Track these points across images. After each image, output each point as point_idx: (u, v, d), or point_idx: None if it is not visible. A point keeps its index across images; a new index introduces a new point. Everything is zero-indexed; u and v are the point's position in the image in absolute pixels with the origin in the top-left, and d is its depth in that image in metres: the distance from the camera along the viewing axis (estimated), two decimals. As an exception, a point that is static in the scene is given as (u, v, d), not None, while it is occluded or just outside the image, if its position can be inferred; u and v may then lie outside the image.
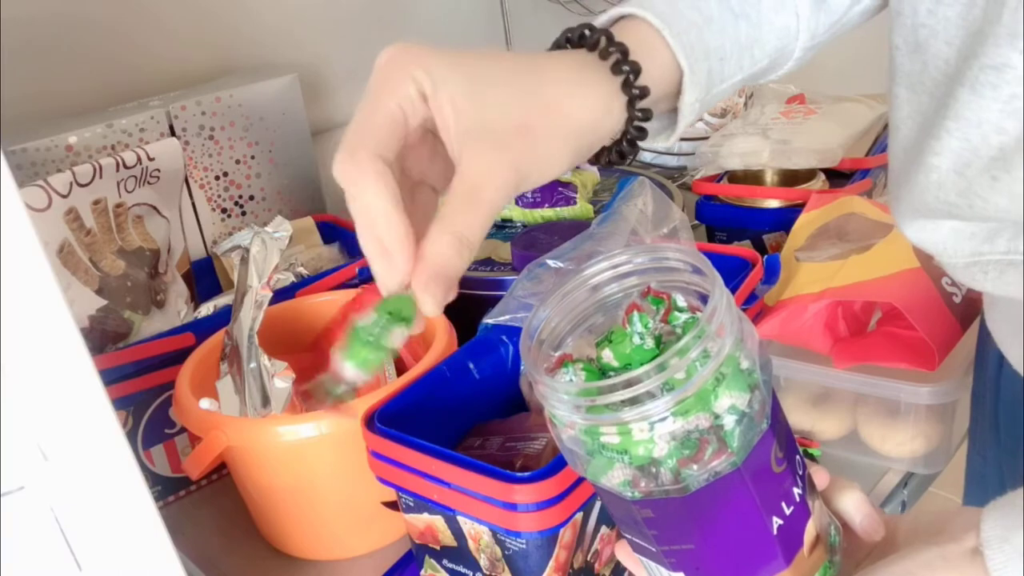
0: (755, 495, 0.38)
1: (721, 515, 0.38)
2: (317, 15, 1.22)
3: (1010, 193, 0.42)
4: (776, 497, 0.39)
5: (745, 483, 0.38)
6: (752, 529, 0.39)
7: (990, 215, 0.44)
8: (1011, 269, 0.46)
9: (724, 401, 0.36)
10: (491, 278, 0.94)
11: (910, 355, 0.76)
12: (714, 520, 0.38)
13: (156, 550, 0.45)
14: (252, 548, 0.78)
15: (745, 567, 0.40)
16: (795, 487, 0.40)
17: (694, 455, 0.36)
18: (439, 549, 0.67)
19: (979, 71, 0.41)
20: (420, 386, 0.70)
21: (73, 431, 0.40)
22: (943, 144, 0.44)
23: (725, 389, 0.36)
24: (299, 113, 1.07)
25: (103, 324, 0.83)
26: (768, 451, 0.38)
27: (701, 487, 0.37)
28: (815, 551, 0.41)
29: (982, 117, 0.41)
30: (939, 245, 0.49)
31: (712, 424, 0.36)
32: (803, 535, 0.40)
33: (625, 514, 0.40)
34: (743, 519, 0.38)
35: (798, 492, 0.40)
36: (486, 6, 1.38)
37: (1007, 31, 0.39)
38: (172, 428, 0.83)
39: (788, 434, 0.41)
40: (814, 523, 0.41)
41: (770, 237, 1.03)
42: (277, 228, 0.77)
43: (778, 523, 0.39)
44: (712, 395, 0.36)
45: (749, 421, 0.37)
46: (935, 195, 0.46)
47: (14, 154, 0.86)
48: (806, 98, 1.25)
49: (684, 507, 0.37)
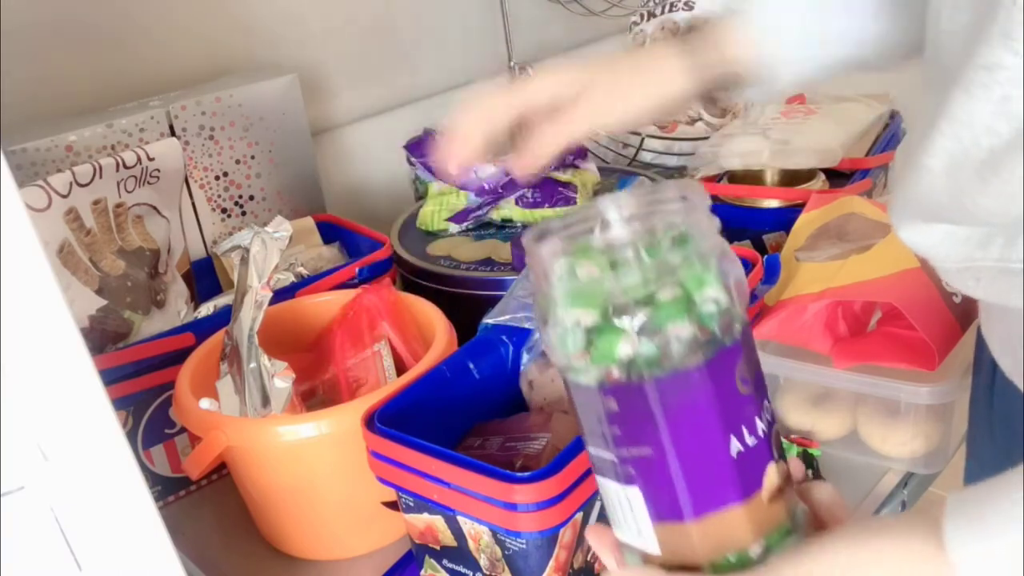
0: (716, 402, 0.39)
1: (681, 416, 0.38)
2: (317, 15, 1.22)
3: (998, 196, 0.42)
4: (737, 417, 0.39)
5: (707, 384, 0.38)
6: (710, 443, 0.39)
7: (979, 218, 0.44)
8: (1003, 276, 0.46)
9: (707, 292, 0.38)
10: (491, 278, 0.94)
11: (910, 355, 0.76)
12: (674, 420, 0.38)
13: (156, 550, 0.45)
14: (252, 548, 0.78)
15: (699, 487, 0.40)
16: (759, 420, 0.40)
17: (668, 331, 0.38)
18: (439, 549, 0.67)
19: (972, 71, 0.41)
20: (420, 386, 0.70)
21: (73, 431, 0.40)
22: (936, 145, 0.44)
23: (706, 277, 0.39)
24: (299, 113, 1.07)
25: (103, 324, 0.83)
26: (734, 365, 0.39)
27: (666, 376, 0.38)
28: (775, 505, 0.41)
29: (974, 118, 0.41)
30: (933, 248, 0.49)
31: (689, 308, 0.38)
32: (762, 476, 0.40)
33: (593, 418, 0.40)
34: (702, 427, 0.39)
35: (762, 428, 0.40)
36: (486, 6, 1.38)
37: (1000, 31, 0.39)
38: (172, 428, 0.83)
39: (759, 374, 0.41)
40: (777, 473, 0.41)
41: (770, 237, 1.03)
42: (277, 228, 0.77)
43: (737, 448, 0.39)
44: (694, 280, 0.38)
45: (724, 321, 0.39)
46: (928, 196, 0.46)
47: (14, 154, 0.86)
48: (806, 98, 1.25)
49: (646, 399, 0.38)
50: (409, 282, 1.01)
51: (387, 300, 0.82)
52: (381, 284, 0.87)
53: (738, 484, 0.40)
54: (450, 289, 0.95)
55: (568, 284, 0.39)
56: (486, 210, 1.06)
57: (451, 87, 1.40)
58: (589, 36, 1.55)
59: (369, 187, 1.32)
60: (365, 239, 1.01)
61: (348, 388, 0.79)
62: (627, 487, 0.41)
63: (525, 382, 0.78)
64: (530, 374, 0.77)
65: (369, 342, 0.81)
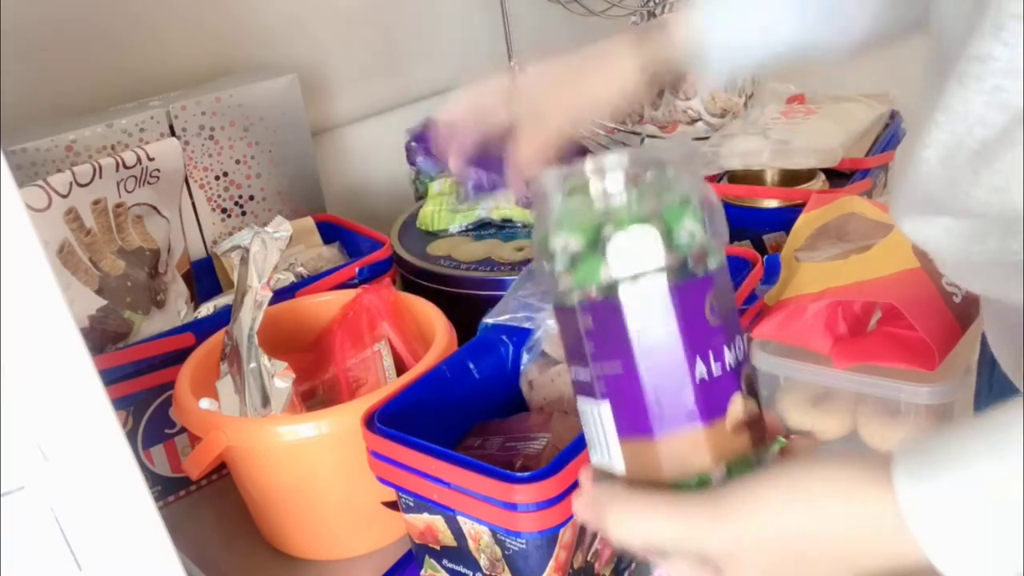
0: (683, 325, 0.41)
1: (648, 333, 0.42)
2: (317, 15, 1.22)
3: (989, 187, 0.42)
4: (704, 344, 0.42)
5: (675, 305, 0.41)
6: (674, 363, 0.42)
7: (971, 208, 0.44)
8: (999, 270, 0.46)
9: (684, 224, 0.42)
10: (491, 278, 0.94)
11: (910, 355, 0.76)
12: (641, 337, 0.41)
13: (156, 550, 0.45)
14: (252, 548, 0.78)
15: (663, 405, 0.42)
16: (727, 351, 0.43)
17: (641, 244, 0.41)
18: (439, 549, 0.67)
19: (966, 63, 0.41)
20: (420, 386, 0.70)
21: (73, 431, 0.40)
22: (932, 136, 0.44)
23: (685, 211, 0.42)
24: (299, 113, 1.07)
25: (103, 324, 0.83)
26: (703, 294, 0.42)
27: (637, 296, 0.41)
28: (739, 437, 0.43)
29: (968, 109, 0.41)
30: (932, 242, 0.49)
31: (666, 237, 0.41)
32: (727, 405, 0.42)
33: (574, 338, 0.44)
34: (667, 347, 0.41)
35: (730, 360, 0.43)
36: (486, 6, 1.38)
37: (992, 23, 0.39)
38: (172, 428, 0.83)
39: (732, 312, 0.44)
40: (744, 406, 0.43)
41: (770, 237, 1.03)
42: (277, 228, 0.77)
43: (702, 372, 0.42)
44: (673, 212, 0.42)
45: (697, 253, 0.42)
46: (924, 188, 0.46)
47: (14, 154, 0.86)
48: (806, 98, 1.25)
49: (618, 315, 0.41)
50: (409, 282, 1.01)
51: (387, 300, 0.82)
52: (381, 284, 0.87)
53: (701, 406, 0.42)
54: (450, 289, 0.95)
55: (559, 211, 0.43)
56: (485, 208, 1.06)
57: (451, 87, 1.39)
58: (589, 36, 1.55)
59: (369, 187, 1.32)
60: (365, 239, 1.01)
61: (348, 388, 0.79)
62: (599, 403, 0.43)
63: (525, 382, 0.78)
64: (530, 374, 0.77)
65: (369, 342, 0.81)
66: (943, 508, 0.36)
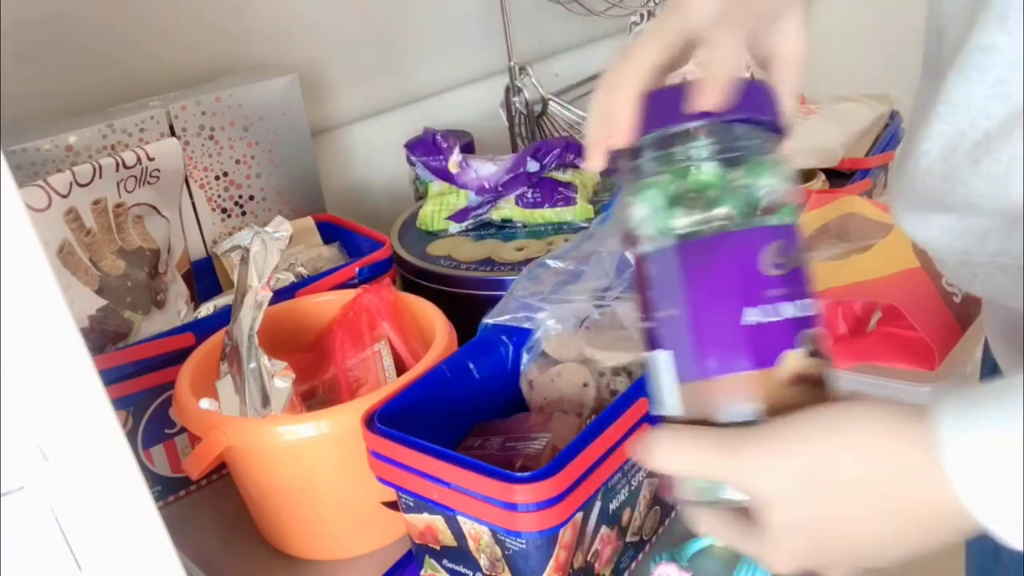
0: (735, 271, 0.42)
1: (700, 277, 0.43)
2: (317, 15, 1.22)
3: (989, 177, 0.42)
4: (756, 292, 0.42)
5: (729, 252, 0.43)
6: (725, 307, 0.42)
7: (970, 201, 0.44)
8: (1000, 273, 0.46)
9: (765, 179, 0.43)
10: (491, 278, 0.94)
11: (910, 355, 0.76)
12: (699, 280, 0.43)
13: (156, 550, 0.45)
14: (252, 548, 0.78)
15: (715, 348, 0.43)
16: (788, 306, 0.43)
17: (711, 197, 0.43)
18: (439, 549, 0.67)
19: (967, 54, 0.41)
20: (420, 386, 0.70)
21: (73, 431, 0.40)
22: (933, 129, 0.44)
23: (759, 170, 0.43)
24: (299, 113, 1.07)
25: (103, 324, 0.83)
26: (760, 245, 0.43)
27: (694, 241, 0.43)
28: (793, 390, 0.43)
29: (970, 101, 0.41)
30: (931, 241, 0.49)
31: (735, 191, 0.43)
32: (779, 356, 0.42)
33: (644, 288, 0.46)
34: (718, 291, 0.43)
35: (790, 314, 0.43)
36: (486, 6, 1.38)
37: (995, 14, 0.39)
38: (172, 428, 0.83)
39: (798, 271, 0.44)
40: (802, 364, 0.43)
41: (770, 237, 1.03)
42: (277, 228, 0.77)
43: (753, 318, 0.42)
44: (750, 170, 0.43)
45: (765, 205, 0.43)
46: (924, 181, 0.46)
47: (14, 154, 0.86)
48: (806, 98, 1.25)
49: (676, 261, 0.43)
50: (409, 282, 1.01)
51: (387, 300, 0.82)
52: (381, 284, 0.87)
53: (750, 352, 0.42)
54: (450, 289, 0.95)
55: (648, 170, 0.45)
56: (486, 209, 1.06)
57: (451, 87, 1.40)
58: (589, 36, 1.55)
59: (369, 187, 1.32)
60: (365, 239, 1.01)
61: (348, 388, 0.79)
62: (661, 351, 0.45)
63: (525, 382, 0.78)
64: (530, 374, 0.77)
65: (369, 342, 0.81)
66: (984, 454, 0.35)
